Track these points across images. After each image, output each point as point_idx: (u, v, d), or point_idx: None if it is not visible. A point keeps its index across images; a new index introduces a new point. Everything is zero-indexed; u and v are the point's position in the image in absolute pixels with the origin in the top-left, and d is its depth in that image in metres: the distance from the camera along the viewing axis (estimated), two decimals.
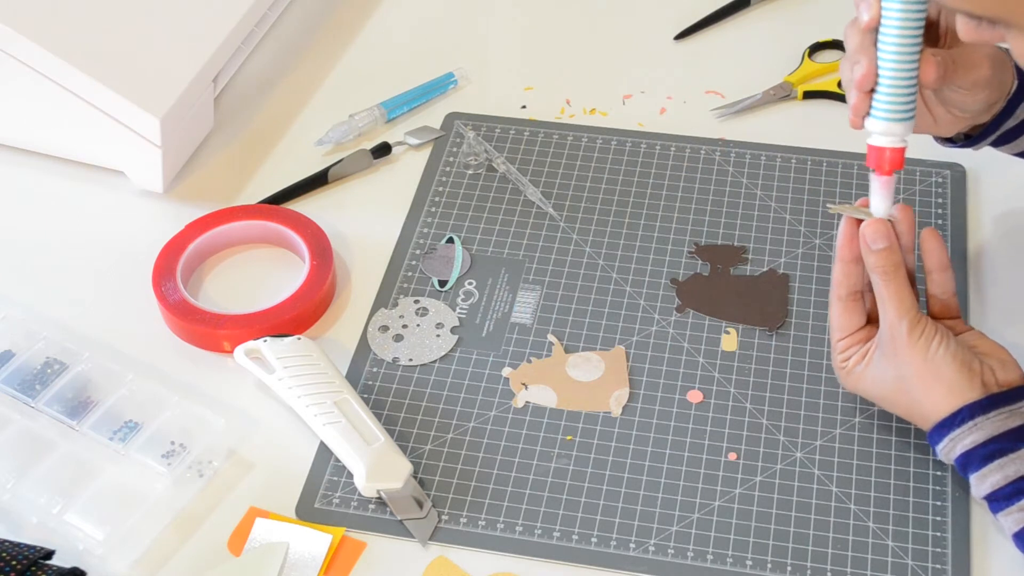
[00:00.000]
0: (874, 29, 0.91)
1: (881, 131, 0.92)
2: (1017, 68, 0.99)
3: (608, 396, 1.03)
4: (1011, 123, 1.01)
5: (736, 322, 1.08)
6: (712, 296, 1.10)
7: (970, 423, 0.90)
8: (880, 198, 0.94)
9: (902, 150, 0.93)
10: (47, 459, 0.99)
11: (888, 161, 0.93)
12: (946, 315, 0.98)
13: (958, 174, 1.18)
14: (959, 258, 1.11)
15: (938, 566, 0.93)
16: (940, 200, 1.16)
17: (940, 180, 1.18)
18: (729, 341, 1.06)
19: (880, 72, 0.91)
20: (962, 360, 0.92)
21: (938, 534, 0.94)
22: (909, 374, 0.93)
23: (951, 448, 0.92)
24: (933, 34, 0.95)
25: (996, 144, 1.04)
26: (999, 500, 0.90)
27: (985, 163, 1.19)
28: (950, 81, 0.94)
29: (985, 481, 0.90)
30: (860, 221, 0.95)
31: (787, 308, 1.08)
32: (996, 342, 0.96)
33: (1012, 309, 1.08)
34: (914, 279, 0.96)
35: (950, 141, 1.06)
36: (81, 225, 1.19)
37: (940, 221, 1.14)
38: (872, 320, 0.97)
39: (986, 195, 1.17)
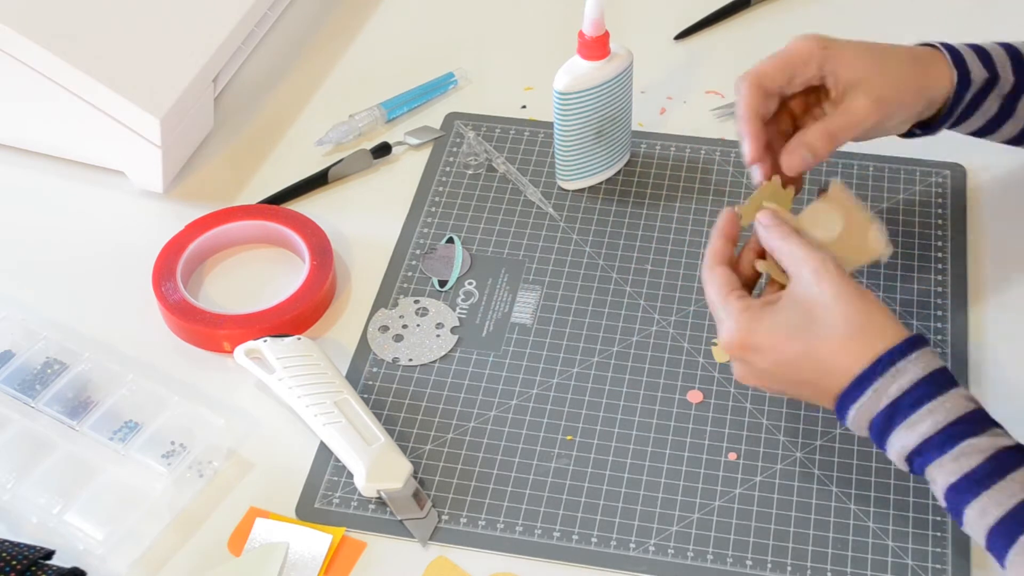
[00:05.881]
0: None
1: None
2: (958, 66, 1.01)
3: (865, 241, 0.95)
4: (960, 107, 1.03)
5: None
6: None
7: (892, 369, 0.85)
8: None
9: None
10: (47, 459, 0.99)
11: None
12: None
13: (958, 174, 1.18)
14: (959, 258, 1.11)
15: (938, 566, 0.93)
16: (940, 200, 1.16)
17: (940, 180, 1.18)
18: (720, 352, 1.06)
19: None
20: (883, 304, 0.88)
21: (938, 534, 0.94)
22: (829, 310, 0.87)
23: (874, 402, 0.86)
24: (828, 91, 1.00)
25: (951, 127, 1.06)
26: (929, 451, 0.84)
27: (985, 163, 1.19)
28: (836, 148, 0.98)
29: (914, 431, 0.84)
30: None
31: None
32: None
33: (1012, 309, 1.08)
34: None
35: (905, 135, 1.07)
36: (81, 225, 1.19)
37: (940, 221, 1.14)
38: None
39: (986, 195, 1.17)
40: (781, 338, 0.88)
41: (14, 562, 0.90)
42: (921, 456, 0.85)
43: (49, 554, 0.93)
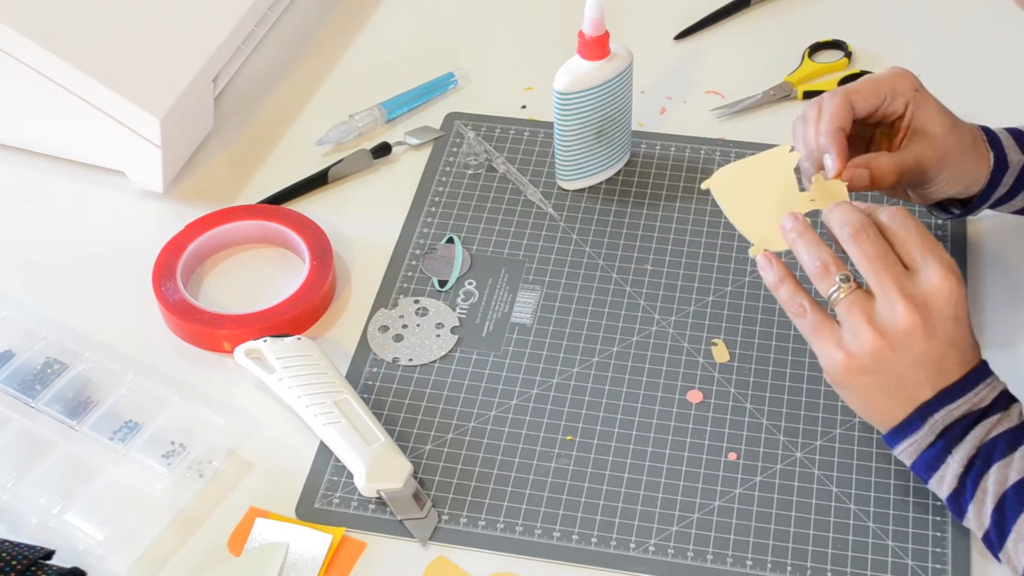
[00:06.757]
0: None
1: None
2: (992, 143, 1.02)
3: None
4: (1001, 191, 1.04)
5: None
6: None
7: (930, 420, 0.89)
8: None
9: None
10: (47, 459, 0.99)
11: None
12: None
13: None
14: (959, 258, 1.11)
15: (938, 566, 0.93)
16: None
17: None
18: (720, 352, 1.06)
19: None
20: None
21: (938, 534, 0.94)
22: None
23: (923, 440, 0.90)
24: (895, 127, 1.00)
25: (992, 207, 1.06)
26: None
27: None
28: (892, 184, 0.98)
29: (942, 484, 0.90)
30: None
31: None
32: None
33: (1012, 309, 1.08)
34: None
35: (942, 210, 1.07)
36: (81, 225, 1.19)
37: (940, 234, 1.14)
38: None
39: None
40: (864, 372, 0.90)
41: (14, 562, 0.90)
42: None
43: (49, 554, 0.93)
